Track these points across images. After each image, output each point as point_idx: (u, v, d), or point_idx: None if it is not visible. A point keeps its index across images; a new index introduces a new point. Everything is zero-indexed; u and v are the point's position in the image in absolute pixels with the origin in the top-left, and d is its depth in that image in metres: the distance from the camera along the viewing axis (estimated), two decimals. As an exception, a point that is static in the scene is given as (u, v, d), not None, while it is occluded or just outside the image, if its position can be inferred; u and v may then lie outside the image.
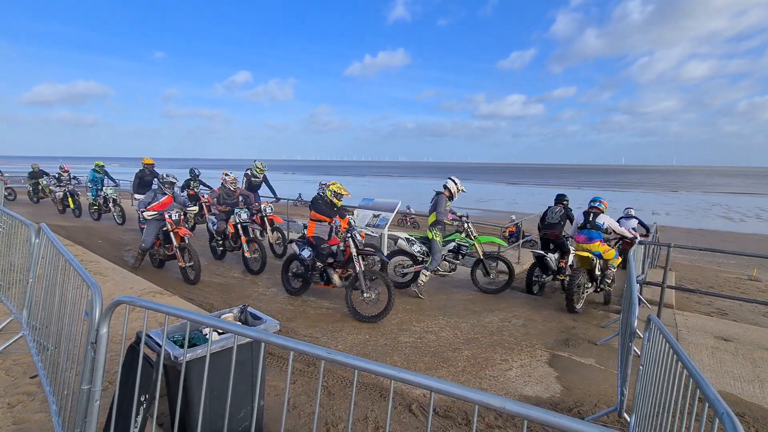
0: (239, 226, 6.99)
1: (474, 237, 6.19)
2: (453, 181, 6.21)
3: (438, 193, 6.14)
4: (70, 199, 12.33)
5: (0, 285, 3.95)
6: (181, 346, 2.21)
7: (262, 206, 7.92)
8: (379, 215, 7.46)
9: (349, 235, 5.20)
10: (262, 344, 1.75)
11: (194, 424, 2.14)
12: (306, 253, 5.54)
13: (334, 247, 5.46)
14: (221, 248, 7.53)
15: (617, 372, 3.44)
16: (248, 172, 9.23)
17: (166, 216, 6.29)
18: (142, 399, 2.12)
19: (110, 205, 10.90)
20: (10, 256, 3.82)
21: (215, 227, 7.27)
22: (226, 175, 7.52)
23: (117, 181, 12.11)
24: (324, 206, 5.53)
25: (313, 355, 1.48)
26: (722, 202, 34.79)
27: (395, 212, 7.38)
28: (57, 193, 12.55)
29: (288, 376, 1.65)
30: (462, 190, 6.27)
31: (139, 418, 2.13)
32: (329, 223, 5.64)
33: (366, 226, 7.42)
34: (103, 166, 11.69)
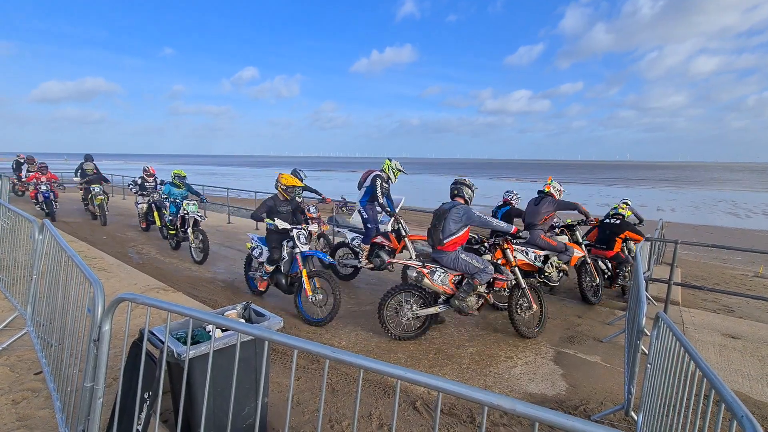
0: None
1: None
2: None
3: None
4: (155, 213, 9.26)
5: (5, 281, 3.97)
6: (185, 343, 2.20)
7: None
8: (382, 211, 7.42)
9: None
10: (266, 342, 1.73)
11: (198, 420, 2.13)
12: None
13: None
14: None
15: (623, 370, 3.41)
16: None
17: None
18: (146, 396, 2.11)
19: (189, 230, 7.41)
20: (14, 252, 3.83)
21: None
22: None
23: (202, 195, 8.53)
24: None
25: (318, 354, 1.46)
26: (728, 198, 34.48)
27: (399, 207, 7.33)
28: (141, 205, 9.77)
29: (292, 373, 1.63)
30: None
31: (143, 415, 2.12)
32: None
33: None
34: (184, 176, 8.21)
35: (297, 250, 4.78)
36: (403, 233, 5.77)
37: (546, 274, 5.30)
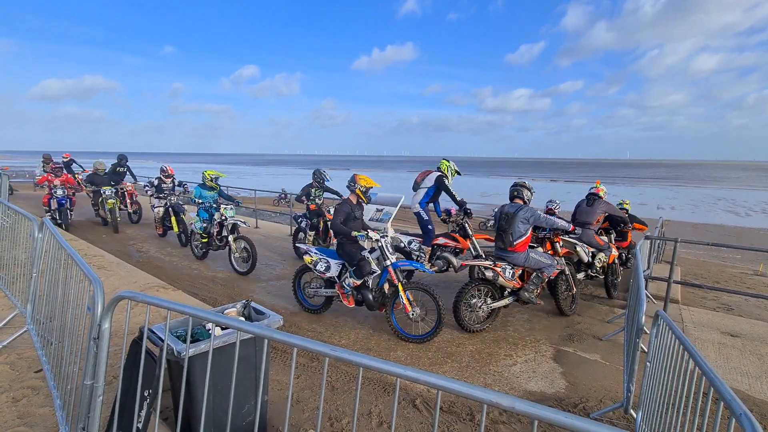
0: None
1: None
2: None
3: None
4: (173, 219, 8.40)
5: (5, 279, 3.97)
6: (185, 341, 2.20)
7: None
8: (382, 210, 7.42)
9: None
10: (265, 340, 1.74)
11: (198, 418, 2.14)
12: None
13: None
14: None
15: (623, 368, 3.41)
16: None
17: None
18: (146, 394, 2.11)
19: (230, 238, 6.54)
20: (14, 251, 3.83)
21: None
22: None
23: (236, 200, 7.36)
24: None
25: (318, 353, 1.46)
26: (728, 197, 34.49)
27: (398, 206, 7.33)
28: (157, 209, 8.77)
29: (291, 372, 1.63)
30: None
31: (143, 413, 2.12)
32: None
33: (369, 220, 7.39)
34: (217, 177, 7.32)
35: (387, 262, 4.32)
36: (470, 232, 5.86)
37: (596, 268, 5.78)
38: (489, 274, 4.52)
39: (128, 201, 10.60)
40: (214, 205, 6.97)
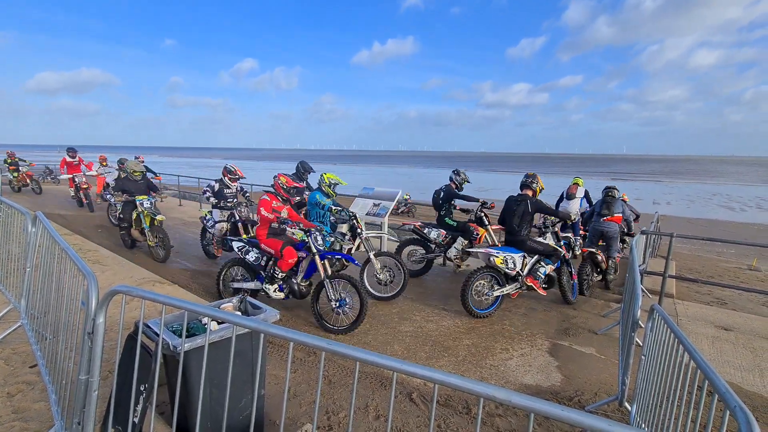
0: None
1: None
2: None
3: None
4: (245, 237, 5.78)
5: (-2, 274, 3.93)
6: (181, 335, 2.19)
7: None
8: (379, 204, 7.41)
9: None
10: (262, 334, 1.73)
11: (194, 412, 2.13)
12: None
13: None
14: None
15: (618, 361, 3.44)
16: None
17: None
18: (142, 389, 2.11)
19: (371, 257, 5.23)
20: (8, 245, 3.79)
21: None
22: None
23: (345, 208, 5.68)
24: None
25: (314, 347, 1.46)
26: (723, 192, 34.71)
27: (395, 201, 7.32)
28: (219, 225, 6.67)
29: (288, 366, 1.63)
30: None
31: (139, 408, 2.12)
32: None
33: (366, 215, 7.38)
34: (337, 183, 5.86)
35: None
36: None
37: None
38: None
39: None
40: (326, 219, 5.74)
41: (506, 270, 4.77)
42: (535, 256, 4.98)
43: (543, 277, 4.95)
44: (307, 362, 3.58)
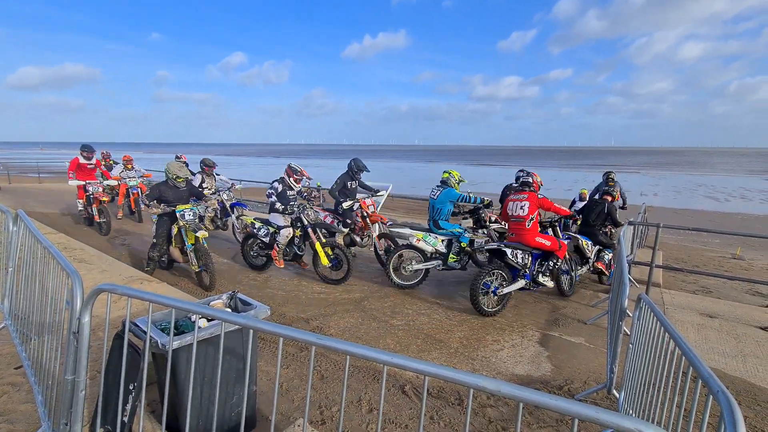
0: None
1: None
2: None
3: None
4: (319, 246, 5.68)
5: (-21, 274, 3.83)
6: (169, 333, 2.17)
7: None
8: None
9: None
10: (251, 331, 1.71)
11: (185, 410, 2.12)
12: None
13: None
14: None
15: (606, 350, 3.50)
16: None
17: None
18: (131, 388, 2.08)
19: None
20: (-12, 245, 3.69)
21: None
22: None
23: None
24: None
25: (304, 342, 1.45)
26: (708, 183, 35.38)
27: (387, 194, 7.31)
28: (284, 232, 5.78)
29: (278, 361, 1.62)
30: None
31: (128, 407, 2.09)
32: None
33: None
34: (462, 181, 5.88)
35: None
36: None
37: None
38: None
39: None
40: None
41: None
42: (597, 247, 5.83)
43: (608, 262, 5.83)
44: (299, 357, 3.58)
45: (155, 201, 5.33)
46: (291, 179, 6.04)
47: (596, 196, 6.50)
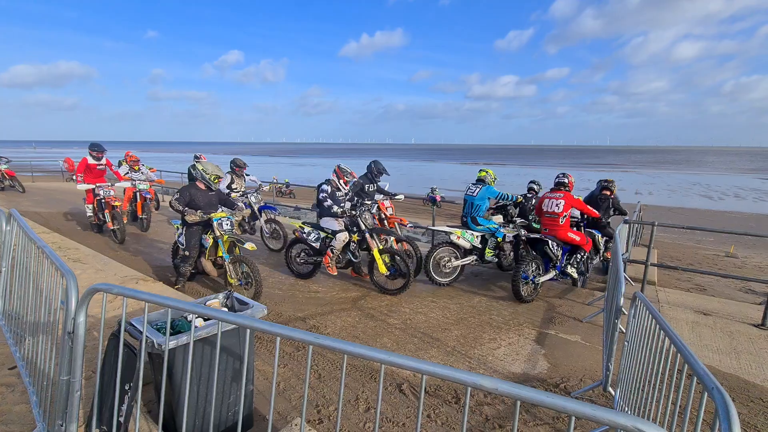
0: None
1: None
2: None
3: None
4: (397, 259, 5.32)
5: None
6: (165, 333, 2.15)
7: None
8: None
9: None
10: (248, 330, 1.71)
11: (182, 410, 2.11)
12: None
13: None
14: None
15: (602, 348, 3.52)
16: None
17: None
18: (127, 388, 2.07)
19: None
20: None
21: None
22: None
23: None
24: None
25: (301, 341, 1.44)
26: (702, 182, 35.66)
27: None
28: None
29: (276, 360, 1.62)
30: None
31: (124, 407, 2.08)
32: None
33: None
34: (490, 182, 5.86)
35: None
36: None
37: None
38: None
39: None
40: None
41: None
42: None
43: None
44: (296, 357, 3.57)
45: (184, 205, 4.78)
46: (341, 181, 5.86)
47: (597, 193, 6.74)
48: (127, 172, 8.59)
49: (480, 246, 5.65)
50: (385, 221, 6.44)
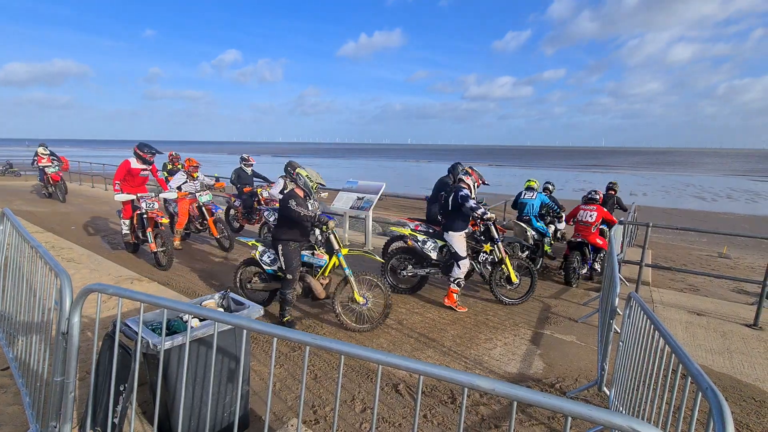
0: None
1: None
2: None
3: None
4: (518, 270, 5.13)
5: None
6: (161, 333, 2.14)
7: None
8: (363, 198, 7.39)
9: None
10: (244, 330, 1.70)
11: (177, 411, 2.10)
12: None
13: None
14: None
15: (597, 348, 3.54)
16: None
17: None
18: (121, 389, 2.05)
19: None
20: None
21: None
22: None
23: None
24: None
25: (298, 341, 1.44)
26: (696, 183, 35.97)
27: (380, 194, 7.30)
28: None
29: (272, 361, 1.61)
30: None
31: (119, 408, 2.07)
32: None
33: (350, 208, 7.35)
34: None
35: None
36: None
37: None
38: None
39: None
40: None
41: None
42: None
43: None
44: (292, 357, 3.56)
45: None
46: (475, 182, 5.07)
47: (603, 192, 7.59)
48: (185, 182, 6.81)
49: (539, 239, 6.69)
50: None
